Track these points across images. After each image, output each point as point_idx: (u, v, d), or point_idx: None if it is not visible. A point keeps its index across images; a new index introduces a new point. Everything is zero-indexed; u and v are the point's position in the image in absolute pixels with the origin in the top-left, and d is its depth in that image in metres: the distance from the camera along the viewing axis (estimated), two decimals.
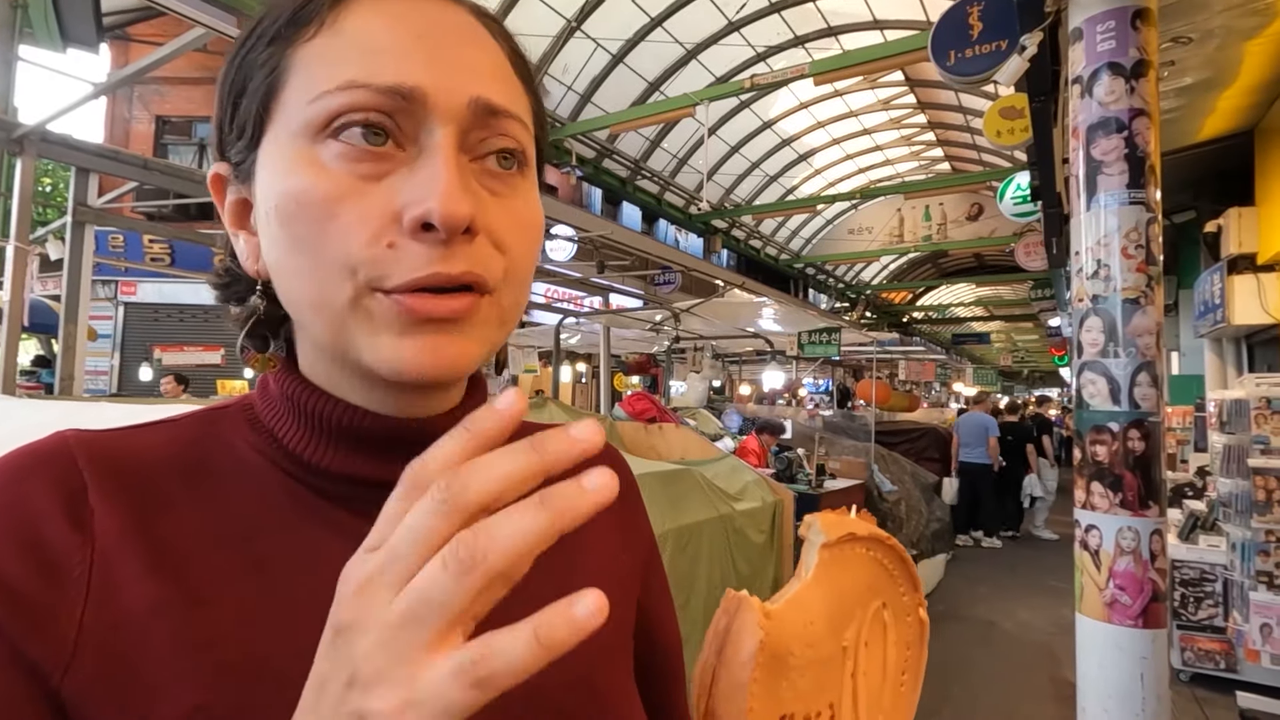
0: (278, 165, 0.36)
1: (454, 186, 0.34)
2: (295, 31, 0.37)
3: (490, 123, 0.37)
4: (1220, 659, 3.58)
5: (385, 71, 0.35)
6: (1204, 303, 5.41)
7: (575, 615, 0.23)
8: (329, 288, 0.35)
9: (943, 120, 12.02)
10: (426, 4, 0.38)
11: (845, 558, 0.28)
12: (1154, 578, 1.83)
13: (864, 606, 0.29)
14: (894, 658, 0.30)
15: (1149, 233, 1.87)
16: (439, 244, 0.34)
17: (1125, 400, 1.87)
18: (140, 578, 0.34)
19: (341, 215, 0.34)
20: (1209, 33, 3.34)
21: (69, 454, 0.36)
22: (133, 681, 0.32)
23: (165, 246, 8.26)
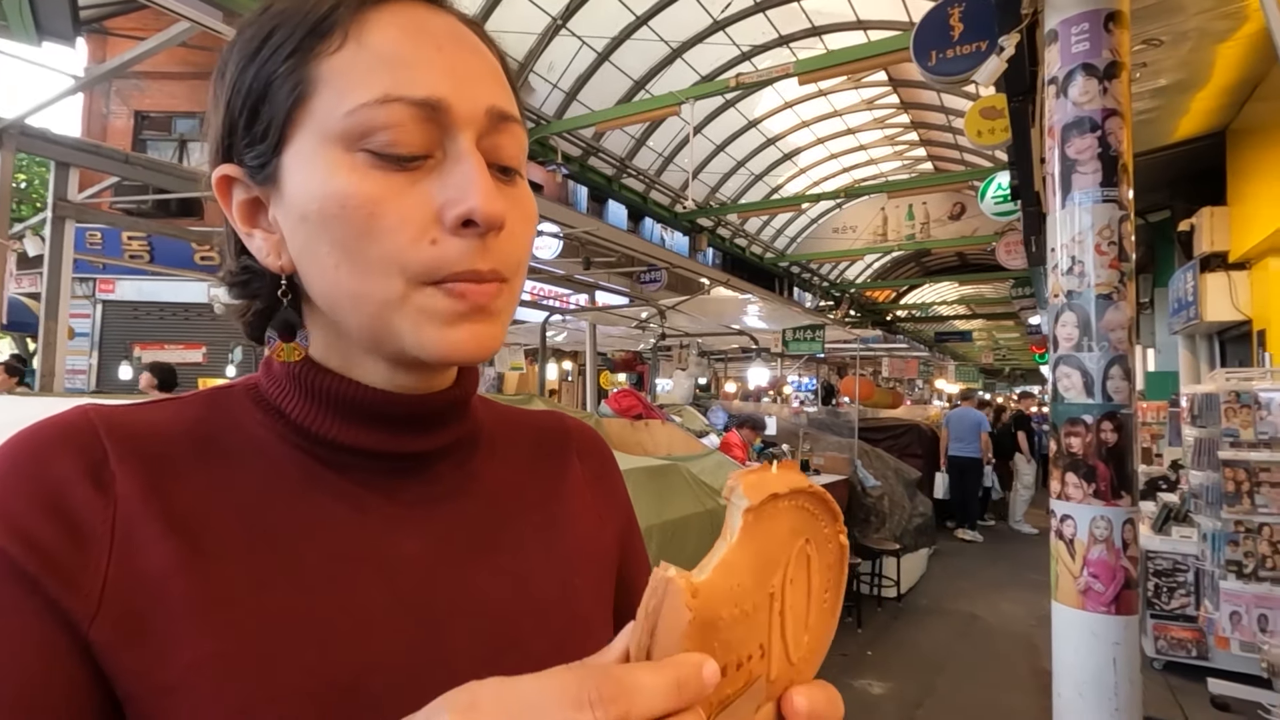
0: (315, 170, 0.38)
1: (491, 187, 0.38)
2: (318, 44, 0.39)
3: (501, 127, 0.41)
4: (1192, 647, 3.67)
5: (416, 85, 0.38)
6: (1178, 300, 5.52)
7: None
8: (376, 283, 0.38)
9: (925, 120, 12.14)
10: (433, 16, 0.41)
11: (769, 514, 0.28)
12: (1126, 565, 1.88)
13: (789, 549, 0.30)
14: (817, 582, 0.31)
15: (1121, 230, 1.92)
16: (477, 239, 0.38)
17: (1099, 393, 1.92)
18: (159, 538, 0.36)
19: (385, 216, 0.37)
20: (1182, 35, 3.42)
21: (90, 424, 0.38)
22: (150, 634, 0.34)
23: (144, 243, 8.15)
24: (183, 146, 9.04)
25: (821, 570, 0.31)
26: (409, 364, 0.42)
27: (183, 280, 8.17)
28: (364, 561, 0.40)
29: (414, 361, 0.41)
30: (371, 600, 0.39)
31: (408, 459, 0.44)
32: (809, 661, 0.31)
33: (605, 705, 0.24)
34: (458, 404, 0.46)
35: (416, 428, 0.44)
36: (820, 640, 0.31)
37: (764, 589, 0.28)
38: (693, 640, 0.26)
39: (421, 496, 0.44)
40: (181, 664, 0.34)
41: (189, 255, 8.03)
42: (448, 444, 0.46)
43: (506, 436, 0.53)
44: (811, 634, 0.31)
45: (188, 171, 4.62)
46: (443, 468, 0.46)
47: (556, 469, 0.54)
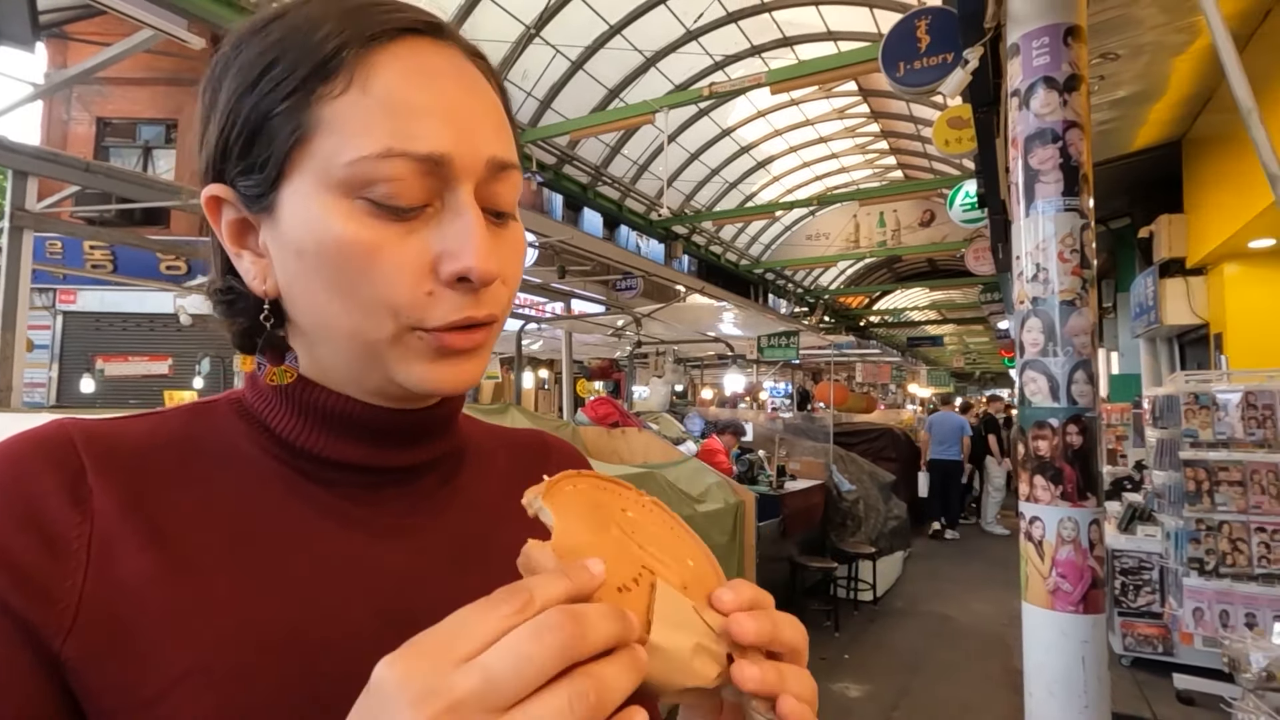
0: (313, 212, 0.38)
1: (486, 245, 0.39)
2: (321, 85, 0.38)
3: (500, 176, 0.41)
4: (1158, 643, 3.76)
5: (418, 139, 0.37)
6: (1139, 305, 5.68)
7: None
8: (369, 324, 0.39)
9: (895, 129, 12.35)
10: (439, 59, 0.40)
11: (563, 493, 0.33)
12: (1093, 565, 1.93)
13: (609, 513, 0.34)
14: (658, 529, 0.36)
15: (1083, 238, 1.98)
16: (471, 293, 0.39)
17: (1064, 397, 1.96)
18: (137, 551, 0.36)
19: (381, 264, 0.38)
20: (1138, 49, 3.53)
21: (68, 438, 0.38)
22: (130, 646, 0.34)
23: (107, 253, 7.95)
24: (147, 154, 8.84)
25: (655, 520, 0.37)
26: (403, 394, 0.43)
27: (147, 290, 7.98)
28: (347, 574, 0.41)
29: (406, 392, 0.42)
30: (354, 613, 0.40)
31: (393, 473, 0.45)
32: (710, 575, 0.36)
33: (510, 598, 0.27)
34: (443, 419, 0.47)
35: (402, 442, 0.45)
36: (704, 561, 0.37)
37: (607, 536, 0.33)
38: None
39: (406, 510, 0.45)
40: (163, 676, 0.34)
41: (154, 265, 7.85)
42: (433, 458, 0.47)
43: (490, 452, 0.54)
44: (692, 555, 0.37)
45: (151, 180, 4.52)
46: (428, 482, 0.47)
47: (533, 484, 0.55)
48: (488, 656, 0.25)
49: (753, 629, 0.32)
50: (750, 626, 0.32)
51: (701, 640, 0.31)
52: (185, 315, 6.03)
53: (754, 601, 0.34)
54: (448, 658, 0.26)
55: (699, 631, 0.32)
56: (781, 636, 0.34)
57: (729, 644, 0.32)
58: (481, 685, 0.25)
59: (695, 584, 0.34)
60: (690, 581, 0.34)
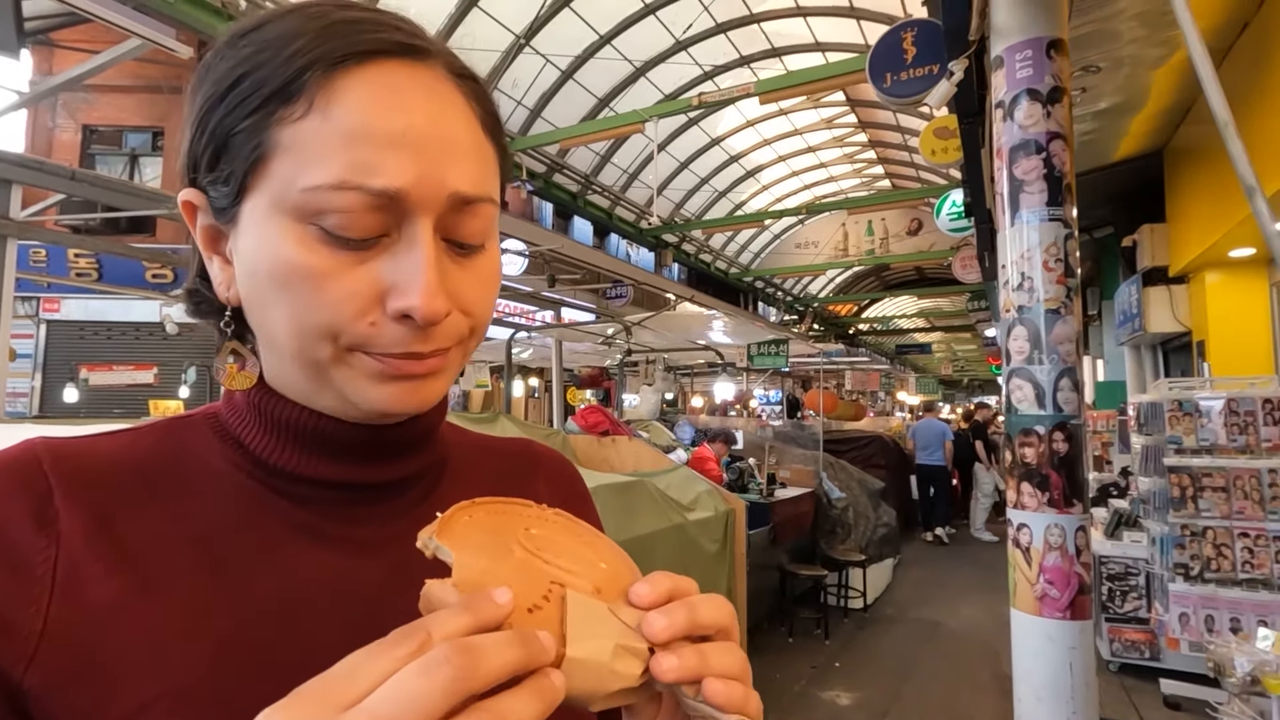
0: (267, 234, 0.38)
1: (433, 286, 0.37)
2: (279, 106, 0.37)
3: (465, 211, 0.40)
4: (1145, 648, 3.79)
5: (374, 173, 0.36)
6: (1123, 312, 5.75)
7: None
8: (312, 345, 0.38)
9: (882, 139, 12.48)
10: (410, 82, 0.38)
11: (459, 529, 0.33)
12: (1079, 571, 1.94)
13: (510, 536, 0.34)
14: (567, 539, 0.36)
15: (1067, 247, 2.00)
16: (416, 329, 0.38)
17: (1050, 404, 1.98)
18: (104, 576, 0.35)
19: (327, 292, 0.37)
20: (1118, 62, 3.59)
21: (36, 460, 0.37)
22: (95, 673, 0.34)
23: (92, 261, 7.86)
24: (133, 162, 8.78)
25: (561, 530, 0.37)
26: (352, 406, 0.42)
27: (132, 299, 7.90)
28: (320, 594, 0.40)
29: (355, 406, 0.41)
30: (327, 633, 0.39)
31: (370, 489, 0.44)
32: (625, 573, 0.35)
33: (405, 639, 0.26)
34: (420, 434, 0.46)
35: (378, 457, 0.44)
36: (617, 560, 0.36)
37: (510, 560, 0.32)
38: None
39: (384, 526, 0.44)
40: (130, 702, 0.33)
41: (140, 273, 7.77)
42: (411, 474, 0.46)
43: (473, 464, 0.53)
44: (605, 558, 0.36)
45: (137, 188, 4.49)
46: (408, 497, 0.46)
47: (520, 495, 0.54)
48: (373, 700, 0.24)
49: (664, 625, 0.31)
50: (661, 624, 0.31)
51: (620, 640, 0.31)
52: (171, 324, 5.98)
53: (672, 591, 0.33)
54: (331, 704, 0.24)
55: (617, 632, 0.31)
56: (700, 620, 0.33)
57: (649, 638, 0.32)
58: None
59: (610, 584, 0.34)
60: (604, 583, 0.34)
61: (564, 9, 7.76)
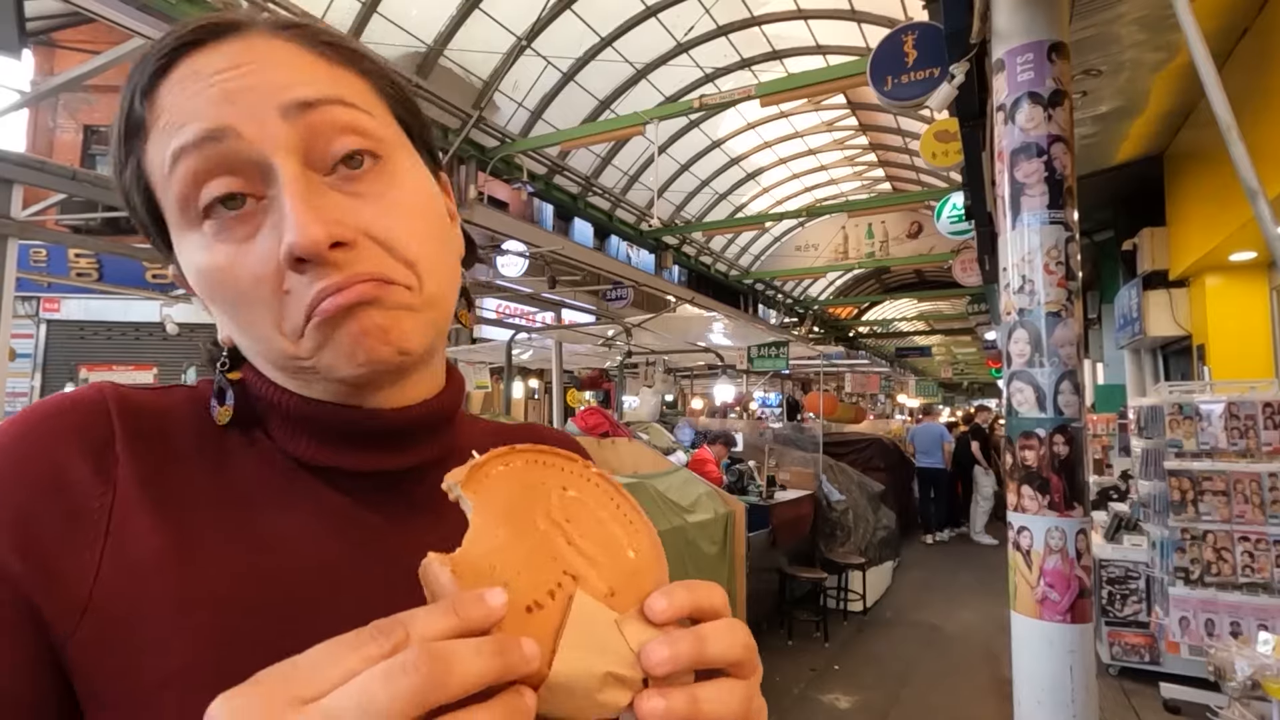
0: (185, 256, 0.39)
1: (303, 216, 0.35)
2: (134, 143, 0.39)
3: (314, 120, 0.37)
4: (1145, 652, 3.78)
5: (192, 128, 0.36)
6: (1123, 316, 5.75)
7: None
8: (268, 344, 0.39)
9: (883, 142, 12.49)
10: (215, 56, 0.38)
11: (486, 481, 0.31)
12: (1080, 575, 1.94)
13: (540, 498, 0.32)
14: (605, 513, 0.33)
15: (1068, 250, 2.00)
16: (318, 268, 0.36)
17: (1050, 407, 1.98)
18: (152, 530, 0.36)
19: (240, 282, 0.37)
20: (1119, 65, 3.60)
21: (104, 402, 0.38)
22: (134, 632, 0.33)
23: (93, 261, 7.87)
24: None
25: (600, 501, 0.33)
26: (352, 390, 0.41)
27: (132, 299, 7.91)
28: (341, 577, 0.40)
29: (351, 383, 0.40)
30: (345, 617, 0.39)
31: (388, 476, 0.44)
32: (652, 569, 0.32)
33: (384, 634, 0.24)
34: (431, 421, 0.45)
35: (390, 445, 0.43)
36: (650, 549, 0.33)
37: (529, 534, 0.30)
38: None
39: (403, 514, 0.44)
40: (166, 665, 0.33)
41: (140, 273, 7.78)
42: (426, 461, 0.45)
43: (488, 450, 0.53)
44: (636, 547, 0.33)
45: None
46: (428, 485, 0.45)
47: None
48: (330, 700, 0.23)
49: (665, 657, 0.28)
50: (662, 656, 0.28)
51: (614, 668, 0.28)
52: (171, 324, 5.98)
53: (694, 607, 0.31)
54: (287, 697, 0.23)
55: (613, 656, 0.28)
56: (709, 655, 0.29)
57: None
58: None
59: (629, 584, 0.31)
60: (623, 582, 0.31)
61: (565, 11, 7.77)
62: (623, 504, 0.34)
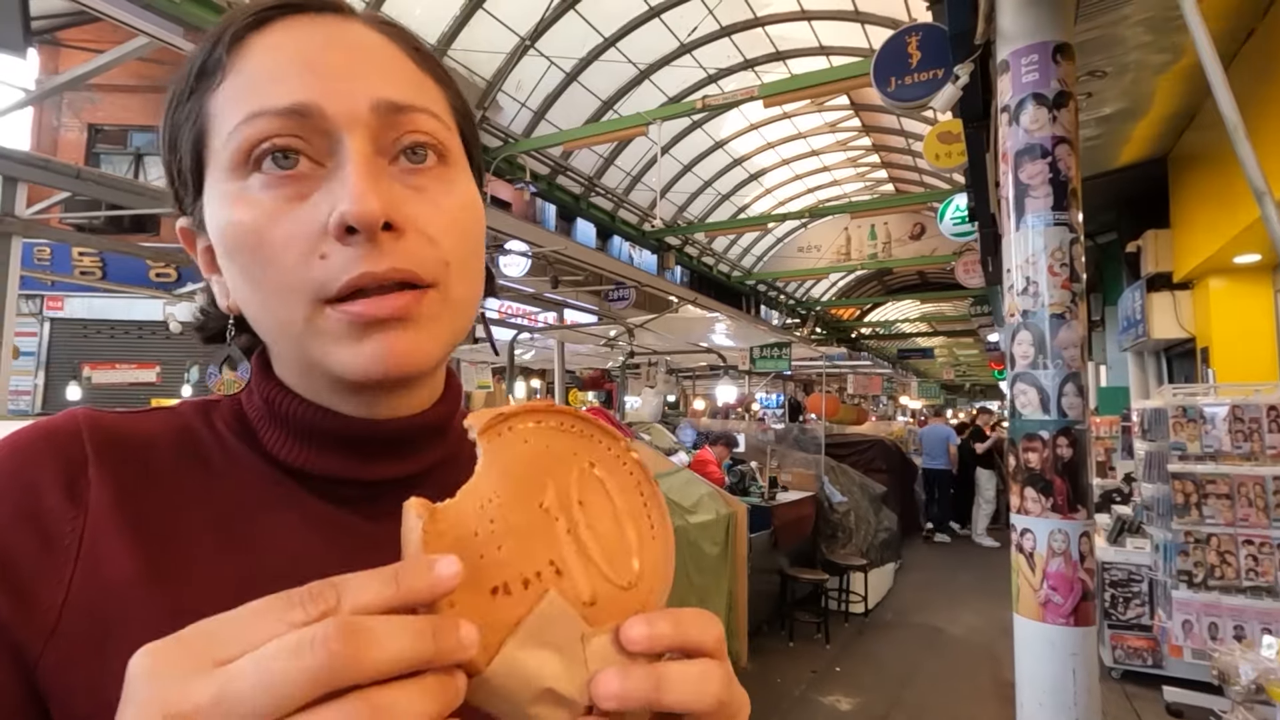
0: (216, 206, 0.39)
1: (364, 187, 0.35)
2: (206, 82, 0.39)
3: (398, 120, 0.39)
4: (1148, 655, 3.77)
5: (279, 96, 0.37)
6: (1126, 318, 5.74)
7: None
8: (283, 310, 0.37)
9: (886, 143, 12.48)
10: (315, 27, 0.40)
11: (508, 436, 0.28)
12: (1083, 577, 1.93)
13: (560, 469, 0.29)
14: (622, 504, 0.30)
15: (1072, 252, 2.00)
16: (365, 243, 0.36)
17: (1054, 409, 1.97)
18: (125, 550, 0.36)
19: (274, 239, 0.36)
20: (1124, 67, 3.59)
21: (77, 429, 0.38)
22: (108, 651, 0.33)
23: (96, 259, 7.89)
24: (138, 161, 8.80)
25: (623, 491, 0.30)
26: (353, 388, 0.40)
27: (136, 297, 7.92)
28: None
29: (353, 385, 0.39)
30: None
31: (382, 485, 0.43)
32: (649, 588, 0.29)
33: (313, 599, 0.23)
34: (432, 427, 0.45)
35: (388, 453, 0.43)
36: (657, 565, 0.29)
37: (530, 506, 0.27)
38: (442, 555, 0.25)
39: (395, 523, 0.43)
40: None
41: (143, 272, 7.80)
42: (424, 469, 0.45)
43: None
44: (643, 558, 0.29)
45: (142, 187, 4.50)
46: (424, 493, 0.45)
47: None
48: (234, 668, 0.21)
49: (614, 692, 0.26)
50: (611, 689, 0.26)
51: (557, 685, 0.25)
52: (174, 323, 5.98)
53: (679, 642, 0.28)
54: (204, 656, 0.22)
55: (561, 672, 0.26)
56: (666, 700, 0.26)
57: None
58: (213, 701, 0.21)
59: (618, 598, 0.28)
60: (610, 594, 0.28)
61: (569, 11, 7.77)
62: (650, 502, 0.31)
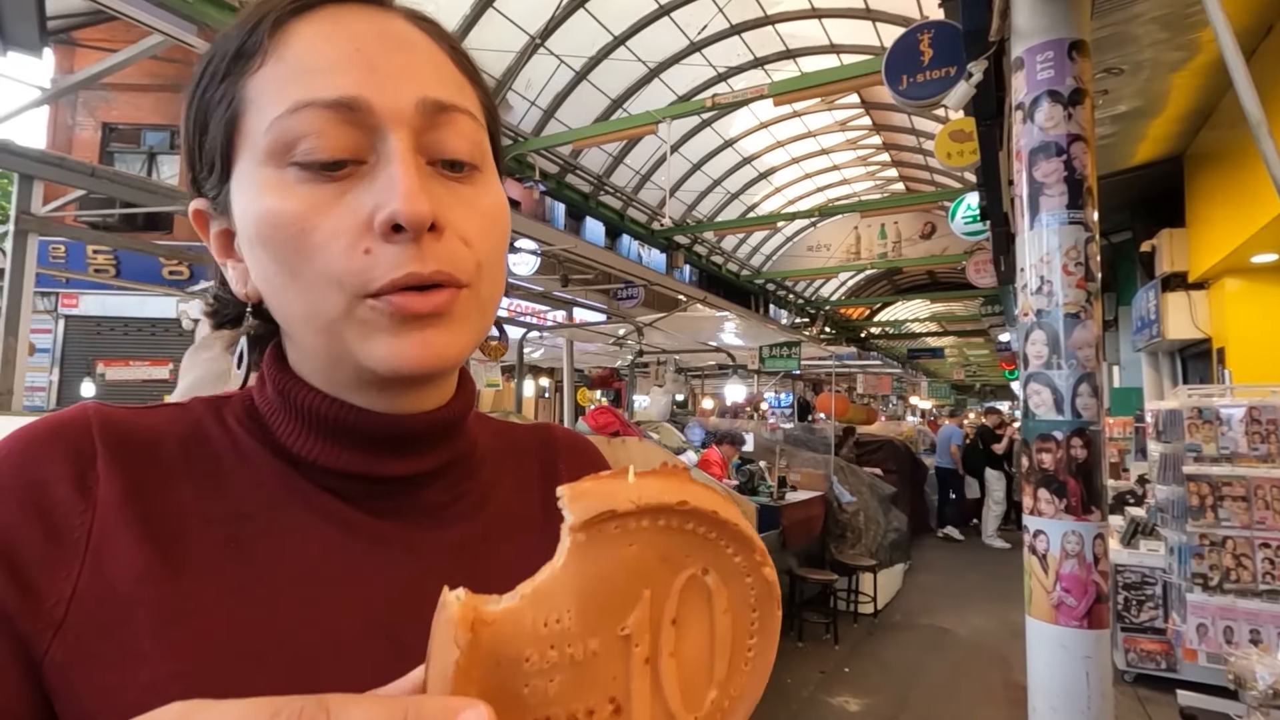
0: (250, 193, 0.38)
1: (414, 187, 0.36)
2: (243, 65, 0.38)
3: (441, 121, 0.39)
4: (1161, 659, 3.73)
5: (328, 87, 0.36)
6: (1141, 318, 5.68)
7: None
8: (319, 301, 0.37)
9: (897, 142, 12.40)
10: (360, 18, 0.39)
11: (610, 537, 0.23)
12: (1097, 580, 1.91)
13: (664, 576, 0.24)
14: (726, 625, 0.25)
15: (1087, 251, 1.98)
16: (410, 243, 0.36)
17: (1068, 410, 1.95)
18: (134, 545, 0.35)
19: (316, 231, 0.36)
20: (1139, 64, 3.55)
21: (87, 423, 0.38)
22: (116, 646, 0.33)
23: (110, 257, 7.97)
24: (152, 160, 8.87)
25: (734, 610, 0.25)
26: (379, 383, 0.41)
27: (149, 295, 7.99)
28: (340, 584, 0.39)
29: (379, 379, 0.40)
30: (344, 624, 0.38)
31: (395, 481, 0.43)
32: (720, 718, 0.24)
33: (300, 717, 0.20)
34: (446, 425, 0.45)
35: (402, 450, 0.43)
36: (741, 701, 0.25)
37: (608, 629, 0.23)
38: (474, 681, 0.21)
39: (410, 519, 0.43)
40: (147, 680, 0.33)
41: (157, 270, 7.86)
42: (437, 466, 0.45)
43: (501, 455, 0.52)
44: (725, 691, 0.25)
45: (156, 185, 4.54)
46: (434, 490, 0.45)
47: (547, 486, 0.53)
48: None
49: None
50: None
51: None
52: (187, 320, 6.03)
53: None
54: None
55: None
56: None
57: None
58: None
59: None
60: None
61: (579, 10, 7.77)
62: (760, 625, 0.26)
